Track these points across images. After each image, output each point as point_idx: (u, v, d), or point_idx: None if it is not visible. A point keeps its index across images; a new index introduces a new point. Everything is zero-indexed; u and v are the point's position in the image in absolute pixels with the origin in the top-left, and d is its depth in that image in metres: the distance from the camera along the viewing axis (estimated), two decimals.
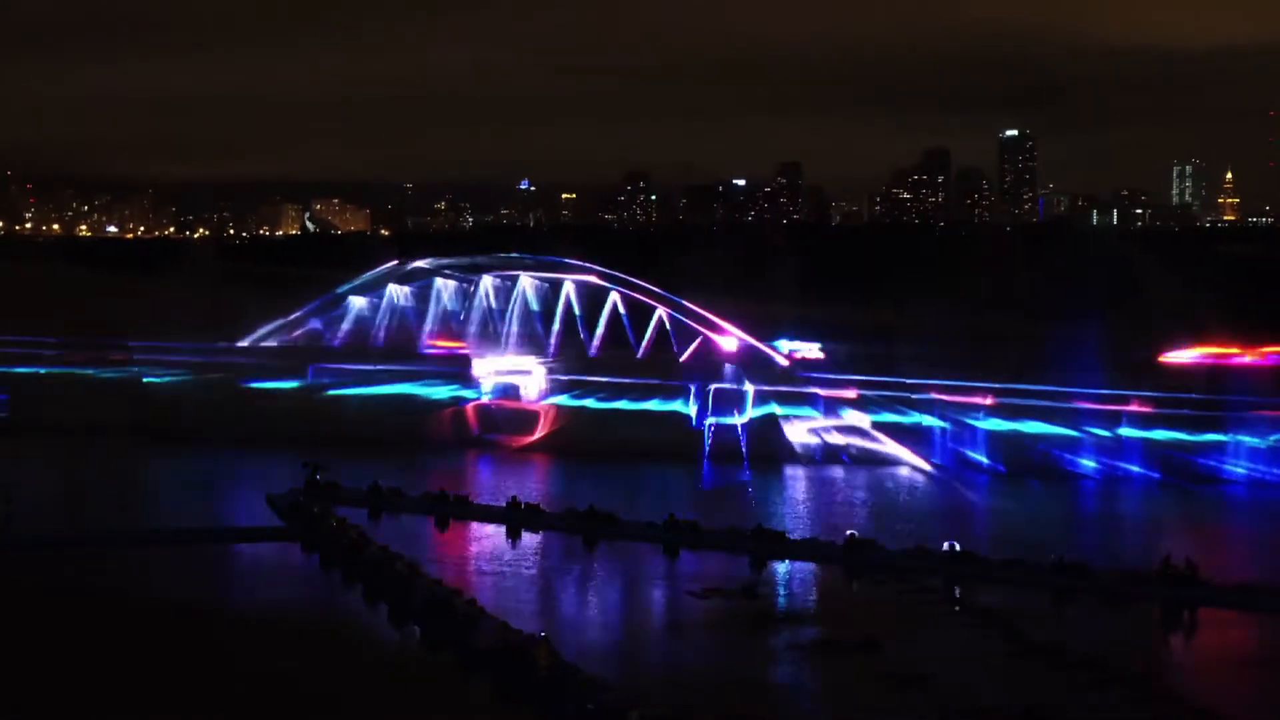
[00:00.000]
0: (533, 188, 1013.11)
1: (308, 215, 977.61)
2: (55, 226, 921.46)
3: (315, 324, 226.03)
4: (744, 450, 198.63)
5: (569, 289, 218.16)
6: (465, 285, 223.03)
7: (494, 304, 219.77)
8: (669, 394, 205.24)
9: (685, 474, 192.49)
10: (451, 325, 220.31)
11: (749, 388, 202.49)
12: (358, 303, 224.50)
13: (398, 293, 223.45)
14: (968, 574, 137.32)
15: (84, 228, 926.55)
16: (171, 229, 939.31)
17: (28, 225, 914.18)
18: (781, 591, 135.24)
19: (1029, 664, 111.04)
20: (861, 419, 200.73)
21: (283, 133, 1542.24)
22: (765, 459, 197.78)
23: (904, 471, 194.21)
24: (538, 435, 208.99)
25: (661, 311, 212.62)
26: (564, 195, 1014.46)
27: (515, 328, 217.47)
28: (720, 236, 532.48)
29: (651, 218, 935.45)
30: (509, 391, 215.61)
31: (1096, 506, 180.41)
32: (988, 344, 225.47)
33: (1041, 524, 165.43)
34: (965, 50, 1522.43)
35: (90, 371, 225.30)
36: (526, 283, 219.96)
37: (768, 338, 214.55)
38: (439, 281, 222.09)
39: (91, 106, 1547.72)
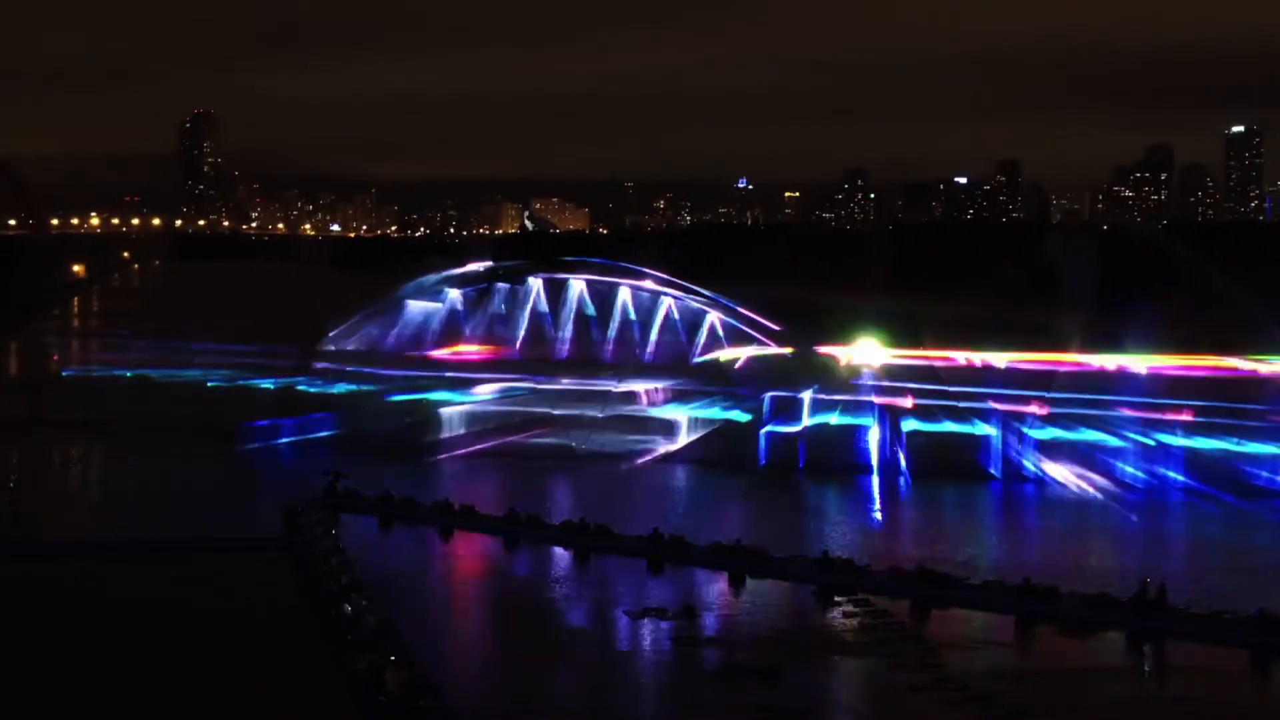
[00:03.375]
0: (750, 186, 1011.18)
1: (527, 214, 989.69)
2: (280, 226, 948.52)
3: (372, 329, 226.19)
4: (800, 459, 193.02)
5: (625, 295, 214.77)
6: (517, 289, 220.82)
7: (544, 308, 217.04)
8: (727, 400, 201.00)
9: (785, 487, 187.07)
10: (499, 330, 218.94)
11: (805, 395, 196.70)
12: (415, 306, 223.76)
13: (455, 296, 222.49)
14: (936, 597, 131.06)
15: (307, 227, 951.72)
16: (394, 228, 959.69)
17: (254, 225, 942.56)
18: (726, 612, 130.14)
19: (924, 698, 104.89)
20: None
21: (505, 132, 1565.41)
22: (825, 469, 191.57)
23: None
24: (677, 445, 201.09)
25: (714, 317, 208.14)
26: (787, 194, 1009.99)
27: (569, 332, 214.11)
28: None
29: (869, 216, 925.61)
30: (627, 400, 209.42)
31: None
32: None
33: (1074, 542, 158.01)
34: (1189, 43, 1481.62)
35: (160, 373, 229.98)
36: (579, 286, 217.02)
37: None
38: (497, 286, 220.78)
39: (316, 108, 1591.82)
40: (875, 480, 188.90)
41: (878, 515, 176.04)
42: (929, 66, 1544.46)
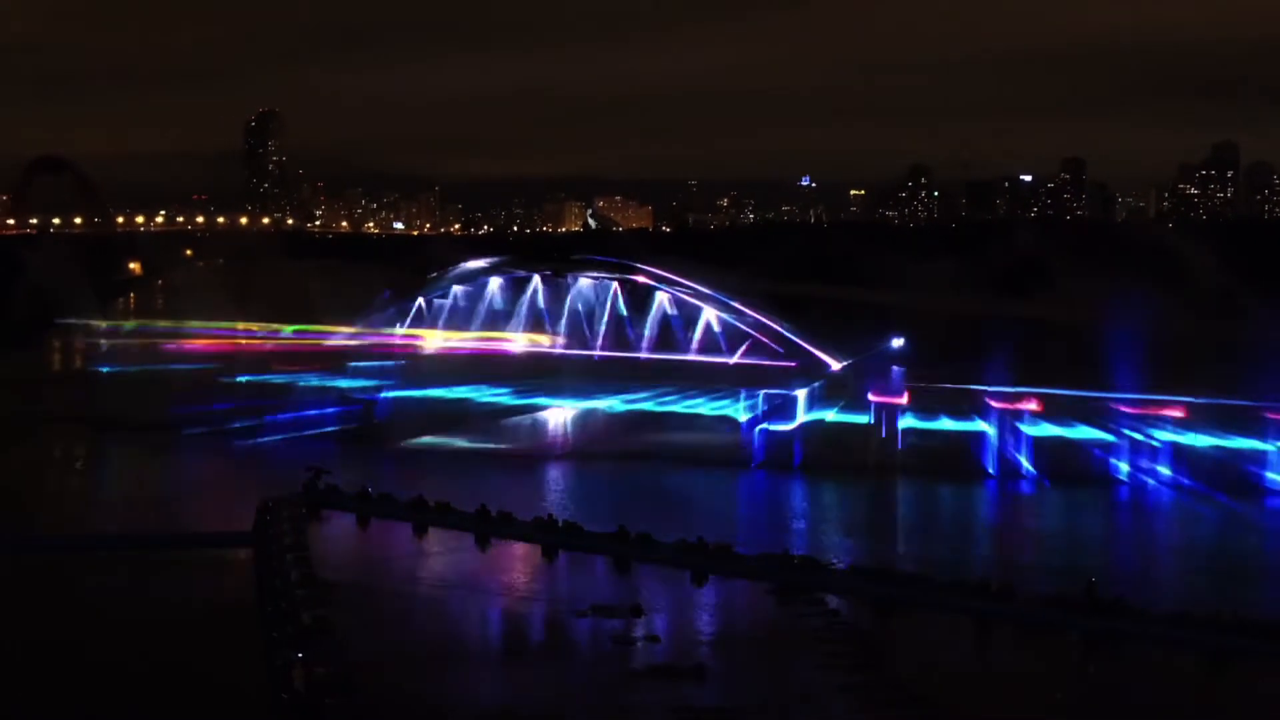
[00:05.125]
0: (813, 184, 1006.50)
1: (590, 212, 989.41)
2: (344, 224, 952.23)
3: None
4: (796, 457, 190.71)
5: (615, 289, 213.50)
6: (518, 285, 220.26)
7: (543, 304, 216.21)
8: (721, 397, 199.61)
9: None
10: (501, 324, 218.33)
11: (799, 392, 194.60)
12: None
13: (459, 292, 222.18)
14: (893, 596, 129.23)
15: (371, 225, 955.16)
16: (457, 225, 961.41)
17: (318, 223, 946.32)
18: (673, 610, 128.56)
19: (852, 698, 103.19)
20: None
21: (568, 131, 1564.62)
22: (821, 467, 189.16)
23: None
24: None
25: (710, 313, 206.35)
26: (852, 192, 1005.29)
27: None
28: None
29: (933, 214, 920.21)
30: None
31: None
32: None
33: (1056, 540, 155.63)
34: (1256, 40, 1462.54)
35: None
36: (584, 282, 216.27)
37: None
38: (493, 281, 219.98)
39: (380, 107, 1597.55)
40: (873, 478, 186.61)
41: (870, 513, 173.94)
42: (992, 64, 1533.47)
